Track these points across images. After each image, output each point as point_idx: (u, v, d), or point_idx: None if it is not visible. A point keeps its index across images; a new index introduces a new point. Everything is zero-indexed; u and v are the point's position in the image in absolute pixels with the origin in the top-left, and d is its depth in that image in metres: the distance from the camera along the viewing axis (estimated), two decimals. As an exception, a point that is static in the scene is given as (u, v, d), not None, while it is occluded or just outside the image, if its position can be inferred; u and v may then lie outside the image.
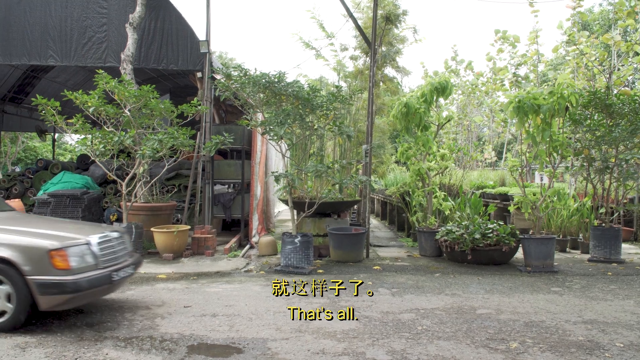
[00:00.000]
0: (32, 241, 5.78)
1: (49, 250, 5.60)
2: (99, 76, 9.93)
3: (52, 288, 5.58)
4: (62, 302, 5.72)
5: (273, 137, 9.52)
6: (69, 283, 5.59)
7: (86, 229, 6.62)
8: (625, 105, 9.96)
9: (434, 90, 11.10)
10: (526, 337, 5.71)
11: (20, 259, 5.58)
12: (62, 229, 6.45)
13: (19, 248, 5.66)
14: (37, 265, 5.58)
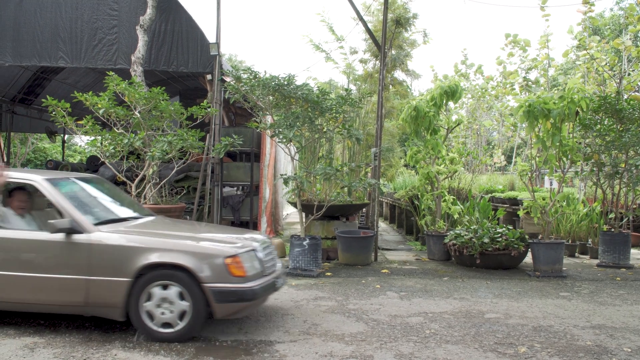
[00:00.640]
0: (206, 247, 5.68)
1: (225, 257, 5.47)
2: (109, 78, 9.97)
3: (230, 296, 5.43)
4: (237, 310, 5.62)
5: (282, 140, 9.54)
6: (247, 291, 5.47)
7: (238, 233, 6.59)
8: (635, 111, 9.91)
9: (443, 93, 11.09)
10: (534, 341, 5.69)
11: (196, 266, 5.39)
12: (221, 234, 6.40)
13: (193, 254, 5.49)
14: (214, 272, 5.42)
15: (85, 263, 5.50)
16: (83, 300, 5.51)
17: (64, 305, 5.68)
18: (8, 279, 5.57)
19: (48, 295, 5.61)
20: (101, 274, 5.47)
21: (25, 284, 5.57)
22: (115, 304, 5.46)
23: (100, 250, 5.53)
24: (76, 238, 5.54)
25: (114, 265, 5.48)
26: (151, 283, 5.43)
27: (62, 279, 5.51)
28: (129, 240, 5.65)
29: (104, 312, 5.62)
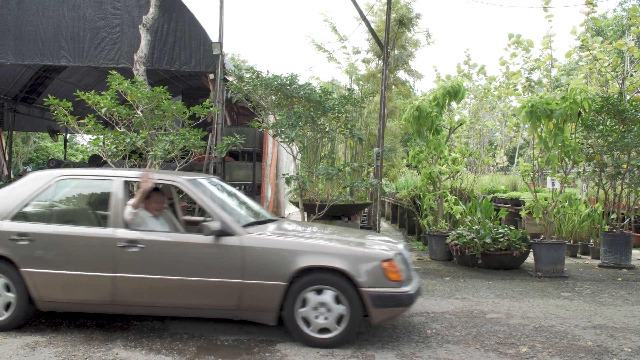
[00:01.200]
0: (362, 250, 5.55)
1: (382, 260, 5.35)
2: (112, 77, 9.97)
3: (389, 301, 5.31)
4: (394, 315, 5.57)
5: (284, 140, 9.53)
6: (404, 295, 5.35)
7: (372, 235, 6.53)
8: (637, 111, 9.89)
9: (446, 94, 11.07)
10: (536, 341, 5.69)
11: (353, 270, 5.27)
12: (362, 236, 6.30)
13: (350, 258, 5.37)
14: (372, 276, 5.29)
15: (238, 266, 5.41)
16: (236, 304, 5.46)
17: (216, 309, 5.62)
18: (163, 283, 5.50)
19: (201, 299, 5.54)
20: (255, 277, 5.38)
21: (179, 287, 5.50)
22: (269, 308, 5.41)
23: (253, 253, 5.44)
24: (228, 241, 5.46)
25: (268, 269, 5.39)
26: (307, 287, 5.34)
27: (216, 282, 5.43)
28: (282, 243, 5.57)
29: (255, 316, 5.56)
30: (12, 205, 5.80)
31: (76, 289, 5.61)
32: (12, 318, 5.62)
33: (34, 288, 5.55)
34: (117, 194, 5.82)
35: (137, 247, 5.49)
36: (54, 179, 5.97)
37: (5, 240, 5.60)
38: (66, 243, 5.64)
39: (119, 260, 5.51)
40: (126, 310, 5.75)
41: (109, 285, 5.50)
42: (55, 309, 5.89)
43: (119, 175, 6.01)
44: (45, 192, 5.94)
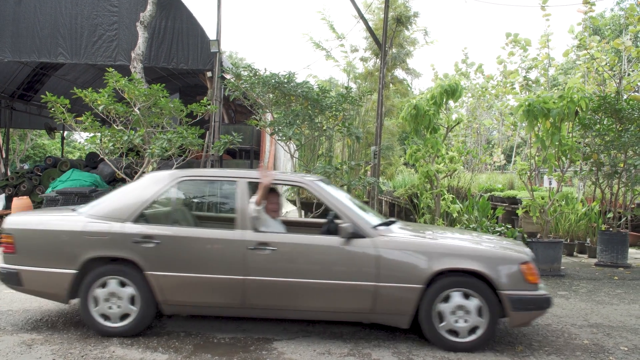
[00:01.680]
0: (501, 253, 5.47)
1: (520, 263, 5.28)
2: (109, 74, 9.96)
3: (529, 304, 5.24)
4: (531, 319, 5.45)
5: (282, 138, 9.54)
6: (543, 298, 5.30)
7: (488, 236, 6.47)
8: (635, 111, 9.91)
9: (443, 92, 11.07)
10: (532, 340, 5.70)
11: (492, 272, 5.20)
12: (492, 239, 6.22)
13: (488, 260, 5.30)
14: (511, 279, 5.23)
15: (373, 269, 5.30)
16: (370, 308, 5.36)
17: (348, 313, 5.53)
18: (294, 286, 5.40)
19: (334, 302, 5.43)
20: (390, 280, 5.29)
21: (311, 291, 5.41)
22: (404, 312, 5.33)
23: (388, 255, 5.34)
24: (361, 243, 5.37)
25: (405, 271, 5.31)
26: (445, 289, 5.26)
27: (350, 285, 5.33)
28: (418, 245, 5.48)
29: (387, 319, 5.47)
30: (133, 207, 5.66)
31: (204, 292, 5.51)
32: (136, 322, 5.48)
33: (160, 291, 5.44)
34: (242, 195, 5.70)
35: (268, 250, 5.40)
36: (174, 180, 5.84)
37: (129, 243, 5.47)
38: (193, 245, 5.53)
39: (250, 263, 5.40)
40: (254, 314, 5.66)
41: (239, 289, 5.42)
42: (180, 312, 5.85)
43: (243, 176, 5.87)
44: (166, 193, 5.85)
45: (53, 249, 5.59)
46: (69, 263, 5.48)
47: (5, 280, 5.71)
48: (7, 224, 5.77)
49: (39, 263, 5.58)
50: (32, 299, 6.89)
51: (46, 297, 5.85)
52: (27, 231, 5.71)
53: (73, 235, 5.55)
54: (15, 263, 5.61)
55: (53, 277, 5.53)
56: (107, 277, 5.49)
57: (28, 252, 5.63)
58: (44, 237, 5.66)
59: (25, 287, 5.67)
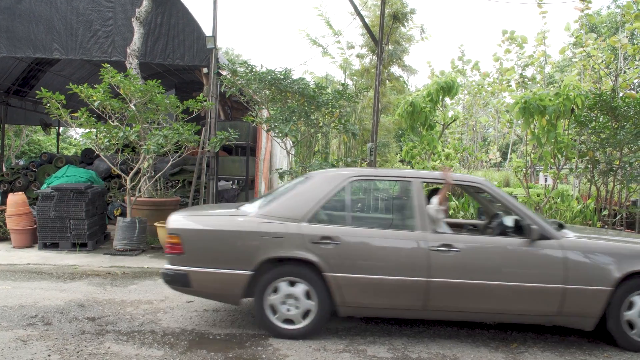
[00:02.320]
0: None
1: None
2: (105, 70, 9.94)
3: None
4: None
5: (278, 134, 9.53)
6: None
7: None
8: (630, 108, 9.93)
9: (440, 89, 11.09)
10: (527, 337, 5.72)
11: None
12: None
13: None
14: None
15: (561, 271, 5.27)
16: (556, 310, 5.31)
17: (533, 315, 5.44)
18: (478, 288, 5.32)
19: (519, 304, 5.35)
20: (579, 282, 5.26)
21: (495, 293, 5.33)
22: (591, 314, 5.31)
23: (576, 257, 5.32)
24: (547, 245, 5.35)
25: (594, 273, 5.30)
26: (633, 292, 5.31)
27: (537, 287, 5.28)
28: (605, 248, 5.47)
29: (573, 322, 5.43)
30: (307, 207, 5.57)
31: (384, 294, 5.39)
32: (313, 325, 5.41)
33: (339, 293, 5.35)
34: (418, 195, 5.62)
35: (452, 251, 5.34)
36: (347, 179, 5.73)
37: (308, 243, 5.38)
38: (373, 247, 5.44)
39: (433, 265, 5.31)
40: (435, 316, 5.57)
41: (422, 291, 5.33)
42: (357, 314, 5.78)
43: (417, 176, 5.79)
44: (339, 192, 5.73)
45: (225, 249, 5.50)
46: (244, 264, 5.41)
47: (172, 281, 5.59)
48: (172, 224, 5.66)
49: (210, 264, 5.49)
50: (28, 295, 6.89)
51: (216, 298, 5.80)
52: (195, 231, 5.62)
53: (247, 236, 5.48)
54: (184, 264, 5.51)
55: (226, 279, 5.46)
56: (284, 278, 5.42)
57: (197, 253, 5.53)
58: (214, 237, 5.57)
59: (194, 289, 5.57)
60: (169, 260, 5.62)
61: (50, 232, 9.98)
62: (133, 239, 9.82)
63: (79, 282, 7.78)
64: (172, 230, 5.61)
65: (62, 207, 9.97)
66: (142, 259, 9.40)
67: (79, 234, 9.99)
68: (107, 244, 10.77)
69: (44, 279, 7.92)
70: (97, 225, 10.54)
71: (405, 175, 5.85)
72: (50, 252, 9.86)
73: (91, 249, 10.05)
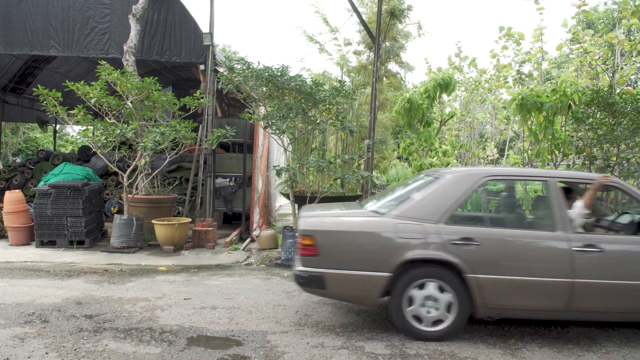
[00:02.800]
0: None
1: None
2: (101, 67, 9.92)
3: None
4: None
5: (275, 131, 9.52)
6: None
7: None
8: (627, 104, 9.93)
9: (437, 86, 11.09)
10: (524, 332, 5.73)
11: None
12: None
13: None
14: None
15: None
16: None
17: None
18: (624, 288, 5.31)
19: None
20: None
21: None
22: None
23: None
24: None
25: None
26: None
27: None
28: None
29: None
30: (443, 208, 5.51)
31: (527, 295, 5.32)
32: (452, 326, 5.38)
33: (480, 295, 5.31)
34: (557, 195, 5.60)
35: (595, 251, 5.31)
36: (481, 179, 5.67)
37: (448, 245, 5.34)
38: (513, 247, 5.39)
39: (577, 265, 5.28)
40: (577, 317, 5.53)
41: (565, 292, 5.28)
42: (496, 315, 5.75)
43: (554, 175, 5.79)
44: (473, 193, 5.69)
45: (363, 251, 5.46)
46: (383, 266, 5.37)
47: (307, 283, 5.55)
48: (305, 225, 5.60)
49: (347, 266, 5.45)
50: (25, 292, 6.88)
51: (352, 300, 5.77)
52: (330, 233, 5.56)
53: (386, 238, 5.43)
54: (319, 266, 5.48)
55: (364, 281, 5.42)
56: (423, 279, 5.39)
57: (333, 254, 5.49)
58: (351, 239, 5.52)
59: (329, 291, 5.54)
60: (301, 262, 5.56)
61: (48, 229, 9.97)
62: (130, 236, 9.81)
63: (77, 279, 7.78)
64: (305, 231, 5.56)
65: (59, 205, 9.96)
66: (139, 257, 9.39)
67: (76, 231, 9.98)
68: (104, 241, 10.76)
69: (41, 276, 7.92)
70: (94, 222, 10.52)
71: (541, 175, 5.86)
72: (47, 249, 9.85)
73: (88, 247, 10.04)
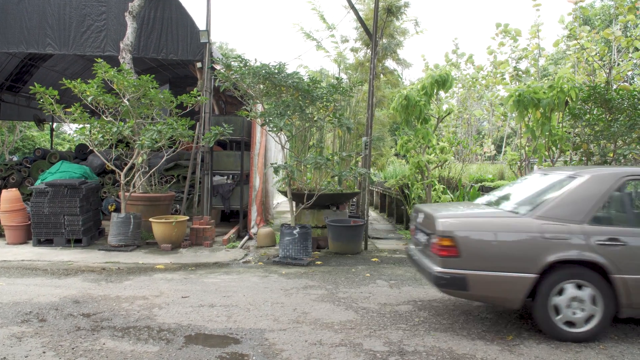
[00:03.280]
0: None
1: None
2: (98, 65, 9.90)
3: None
4: None
5: (273, 129, 9.50)
6: None
7: None
8: (624, 101, 9.94)
9: (434, 83, 11.07)
10: (522, 329, 5.73)
11: None
12: None
13: None
14: None
15: None
16: None
17: None
18: None
19: None
20: None
21: None
22: None
23: None
24: None
25: None
26: None
27: None
28: None
29: None
30: (585, 208, 5.46)
31: None
32: (597, 328, 5.35)
33: (625, 295, 5.27)
34: None
35: None
36: (621, 178, 5.61)
37: (594, 245, 5.31)
38: None
39: None
40: None
41: None
42: (639, 315, 5.69)
43: None
44: (615, 192, 5.61)
45: (507, 252, 5.45)
46: (529, 267, 5.34)
47: (448, 285, 5.49)
48: (444, 227, 5.57)
49: (491, 267, 5.43)
50: (22, 291, 6.87)
51: (494, 302, 5.74)
52: (472, 234, 5.55)
53: (531, 239, 5.40)
54: (460, 267, 5.44)
55: (508, 282, 5.39)
56: (569, 280, 5.36)
57: (475, 255, 5.46)
58: (494, 240, 5.51)
59: (471, 292, 5.50)
60: (441, 264, 5.52)
61: (45, 228, 9.96)
62: (128, 234, 9.80)
63: (74, 278, 7.77)
64: (444, 233, 5.53)
65: (56, 203, 9.94)
66: (137, 255, 9.39)
67: (74, 229, 9.97)
68: (101, 239, 10.75)
69: (38, 275, 7.91)
70: (92, 221, 10.51)
71: None
72: (44, 248, 9.84)
73: (86, 245, 10.03)
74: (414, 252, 6.53)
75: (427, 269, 5.71)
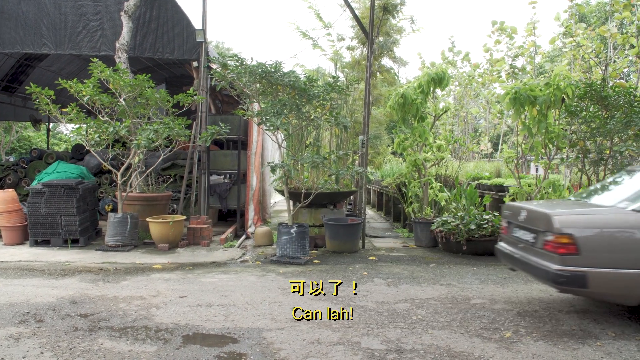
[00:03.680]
0: None
1: None
2: (94, 65, 9.88)
3: None
4: None
5: (269, 128, 9.49)
6: None
7: None
8: (620, 97, 9.94)
9: (430, 81, 11.08)
10: (519, 326, 5.74)
11: None
12: None
13: None
14: None
15: None
16: None
17: None
18: None
19: None
20: None
21: None
22: None
23: None
24: None
25: None
26: None
27: None
28: None
29: None
30: None
31: None
32: None
33: None
34: None
35: None
36: None
37: None
38: None
39: None
40: None
41: None
42: None
43: None
44: None
45: (630, 249, 5.44)
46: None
47: (567, 283, 5.46)
48: (562, 224, 5.55)
49: (613, 264, 5.42)
50: (19, 292, 6.86)
51: (613, 299, 5.75)
52: (592, 231, 5.56)
53: None
54: (580, 265, 5.42)
55: (633, 279, 5.38)
56: None
57: (595, 253, 5.45)
58: (616, 237, 5.53)
59: (591, 290, 5.49)
60: (559, 261, 5.49)
61: (42, 228, 9.94)
62: (125, 234, 9.80)
63: (71, 278, 7.76)
64: (561, 230, 5.52)
65: (53, 204, 9.93)
66: (134, 255, 9.38)
67: (71, 230, 9.96)
68: (99, 239, 10.74)
69: (35, 275, 7.90)
70: (89, 221, 10.50)
71: None
72: (41, 248, 9.83)
73: (83, 245, 10.02)
74: (510, 250, 6.59)
75: (540, 267, 5.69)
